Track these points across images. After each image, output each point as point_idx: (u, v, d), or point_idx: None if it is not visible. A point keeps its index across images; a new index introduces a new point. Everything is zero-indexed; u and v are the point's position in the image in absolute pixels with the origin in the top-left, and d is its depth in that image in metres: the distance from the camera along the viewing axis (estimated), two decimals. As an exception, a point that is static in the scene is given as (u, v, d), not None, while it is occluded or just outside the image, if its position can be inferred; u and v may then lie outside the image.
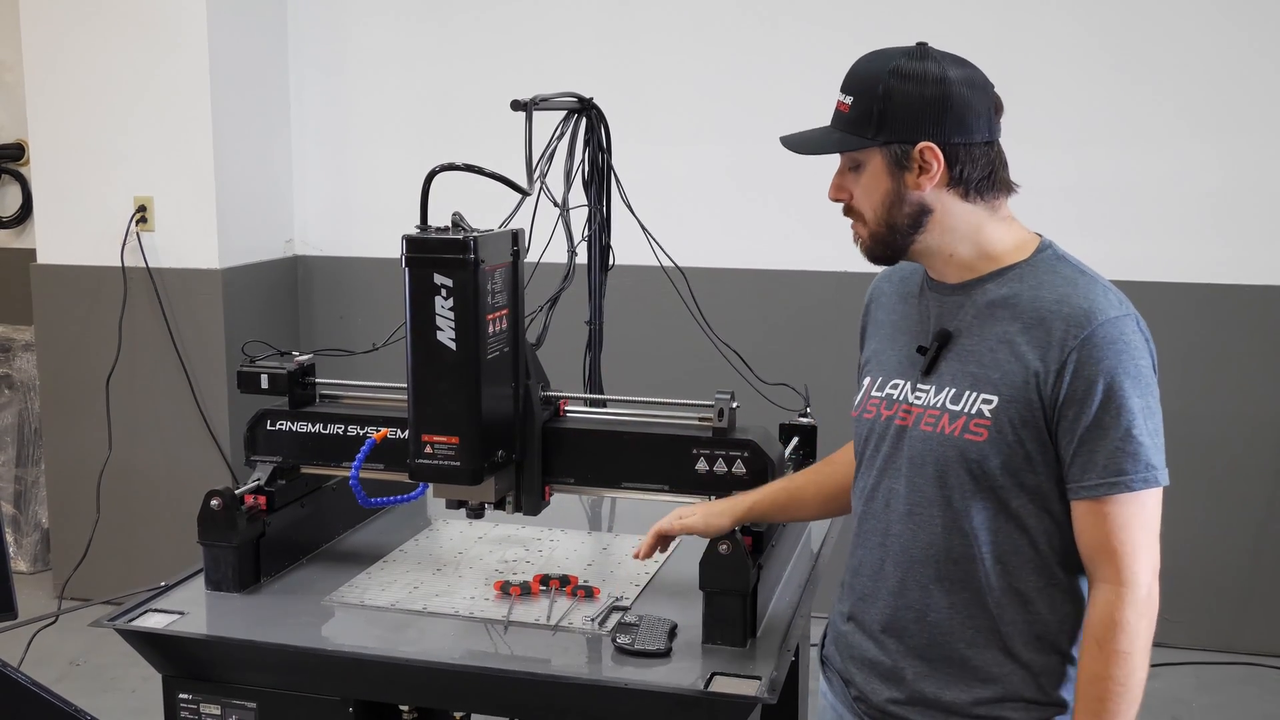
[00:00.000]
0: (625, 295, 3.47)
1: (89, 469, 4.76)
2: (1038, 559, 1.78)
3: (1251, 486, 4.40)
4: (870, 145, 1.77)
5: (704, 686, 1.99)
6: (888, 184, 1.78)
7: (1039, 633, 1.80)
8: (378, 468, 2.41)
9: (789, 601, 2.34)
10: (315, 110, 5.07)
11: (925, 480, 1.80)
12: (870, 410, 1.90)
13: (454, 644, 2.18)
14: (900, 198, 1.78)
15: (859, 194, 1.82)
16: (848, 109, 1.79)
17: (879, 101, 1.75)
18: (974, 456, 1.75)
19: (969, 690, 1.81)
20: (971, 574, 1.79)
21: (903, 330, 1.91)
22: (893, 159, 1.76)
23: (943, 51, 1.78)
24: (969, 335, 1.80)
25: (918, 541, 1.82)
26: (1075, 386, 1.70)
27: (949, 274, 1.84)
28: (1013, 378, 1.73)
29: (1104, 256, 1.83)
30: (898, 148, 1.76)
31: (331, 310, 5.16)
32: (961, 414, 1.76)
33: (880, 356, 1.93)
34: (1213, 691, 4.21)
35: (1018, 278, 1.79)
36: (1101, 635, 1.71)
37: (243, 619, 2.28)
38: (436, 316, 2.13)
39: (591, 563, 2.54)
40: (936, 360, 1.82)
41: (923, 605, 1.83)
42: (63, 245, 4.81)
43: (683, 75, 4.69)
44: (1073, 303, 1.73)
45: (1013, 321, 1.76)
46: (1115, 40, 4.33)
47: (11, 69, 5.29)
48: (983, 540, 1.77)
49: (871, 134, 1.76)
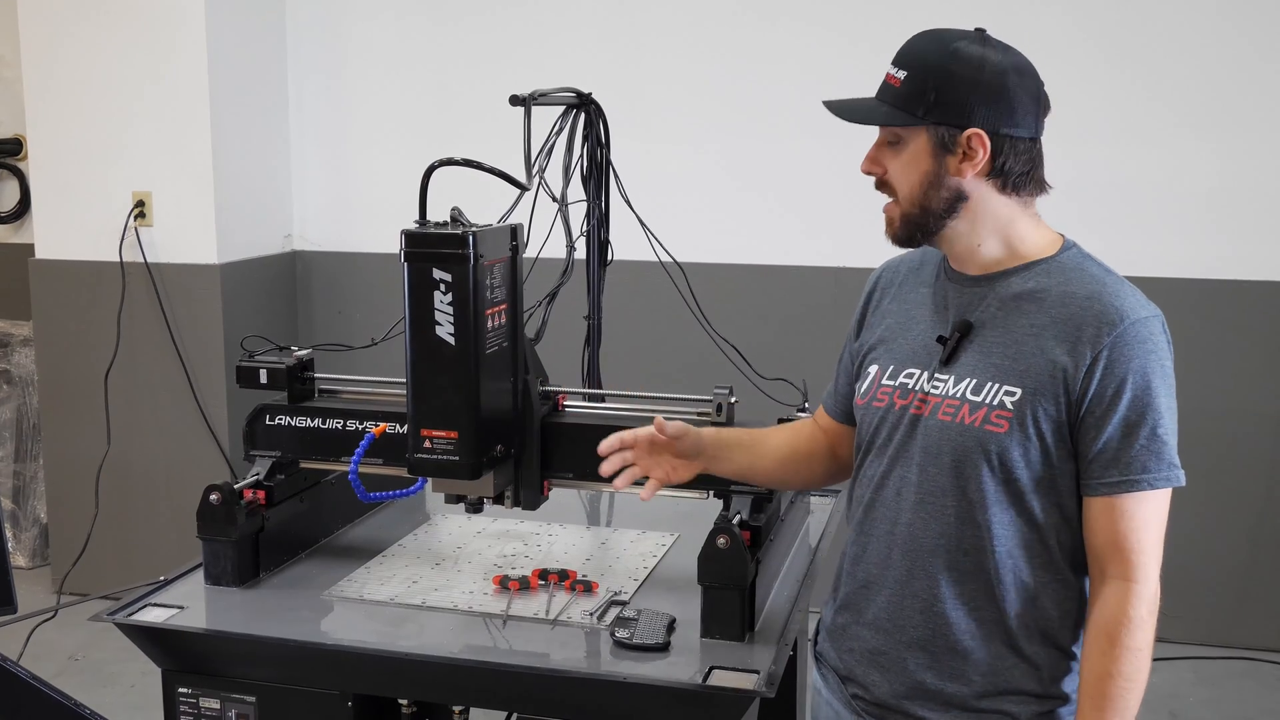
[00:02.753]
0: (624, 290, 3.48)
1: (88, 464, 4.76)
2: (1046, 554, 1.78)
3: (1249, 481, 4.41)
4: (919, 124, 1.75)
5: (702, 680, 1.99)
6: (929, 165, 1.76)
7: (1042, 628, 1.80)
8: (377, 462, 2.41)
9: (787, 595, 2.35)
10: (314, 105, 5.07)
11: (940, 470, 1.80)
12: (881, 399, 1.88)
13: (453, 638, 2.19)
14: (939, 181, 1.76)
15: (896, 170, 1.79)
16: (899, 83, 1.76)
17: (934, 81, 1.73)
18: (993, 448, 1.75)
19: (971, 683, 1.82)
20: (981, 566, 1.79)
21: (916, 319, 1.89)
22: (938, 141, 1.75)
23: (1001, 41, 1.77)
24: (992, 327, 1.79)
25: (929, 531, 1.81)
26: (1105, 384, 1.70)
27: (970, 265, 1.83)
28: (1039, 371, 1.73)
29: (1103, 252, 1.83)
30: (945, 130, 1.74)
31: (330, 305, 5.16)
32: (982, 405, 1.76)
33: (890, 345, 1.91)
34: (1211, 686, 4.22)
35: (1044, 273, 1.79)
36: (1113, 631, 1.71)
37: (242, 613, 2.29)
38: (435, 311, 2.13)
39: (590, 557, 2.54)
40: (956, 350, 1.81)
41: (929, 595, 1.82)
42: (61, 240, 4.81)
43: (682, 72, 4.69)
44: (1104, 301, 1.73)
45: (1040, 315, 1.75)
46: (1113, 38, 4.34)
47: (10, 64, 5.29)
48: (995, 532, 1.77)
49: (922, 112, 1.74)
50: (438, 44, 4.91)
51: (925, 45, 1.77)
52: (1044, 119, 1.79)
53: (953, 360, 1.81)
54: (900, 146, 1.78)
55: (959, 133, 1.73)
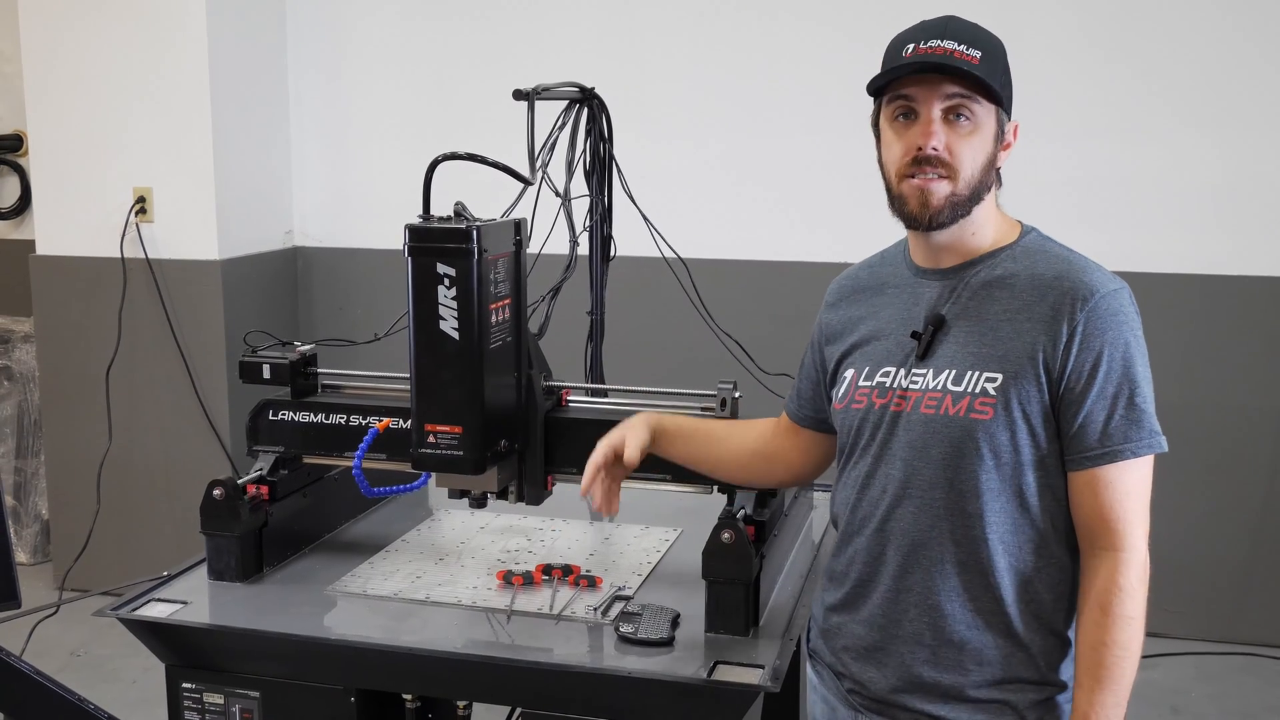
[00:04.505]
0: (627, 285, 3.47)
1: (89, 460, 4.76)
2: (1038, 537, 1.79)
3: (1251, 477, 4.41)
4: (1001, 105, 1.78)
5: (707, 675, 1.99)
6: (991, 148, 1.79)
7: (1037, 613, 1.81)
8: (380, 457, 2.41)
9: (791, 591, 2.35)
10: (315, 101, 5.07)
11: (927, 463, 1.81)
12: (860, 400, 1.89)
13: (456, 633, 2.18)
14: (992, 165, 1.80)
15: (964, 150, 1.76)
16: (977, 61, 1.72)
17: (1002, 65, 1.77)
18: (981, 435, 1.76)
19: (968, 673, 1.82)
20: (975, 555, 1.79)
21: (886, 321, 1.90)
22: (1000, 125, 1.79)
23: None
24: (966, 317, 1.81)
25: (919, 525, 1.82)
26: (1083, 358, 1.72)
27: (948, 257, 1.85)
28: (1017, 355, 1.75)
29: (1104, 248, 1.84)
30: (1005, 117, 1.79)
31: (330, 301, 5.16)
32: (965, 394, 1.77)
33: (864, 348, 1.92)
34: (1212, 682, 4.22)
35: (1010, 259, 1.82)
36: (1105, 601, 1.73)
37: (245, 608, 2.29)
38: (439, 306, 2.13)
39: (594, 552, 2.54)
40: (932, 344, 1.82)
41: (924, 589, 1.83)
42: (62, 236, 4.81)
43: (685, 67, 4.69)
44: (1072, 278, 1.76)
45: (1011, 300, 1.78)
46: (1114, 34, 4.33)
47: (10, 60, 5.29)
48: (988, 520, 1.78)
49: (999, 96, 1.76)
50: (438, 40, 4.91)
51: (975, 30, 1.78)
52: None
53: (929, 354, 1.83)
54: (970, 125, 1.76)
55: (1008, 121, 1.80)
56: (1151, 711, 3.98)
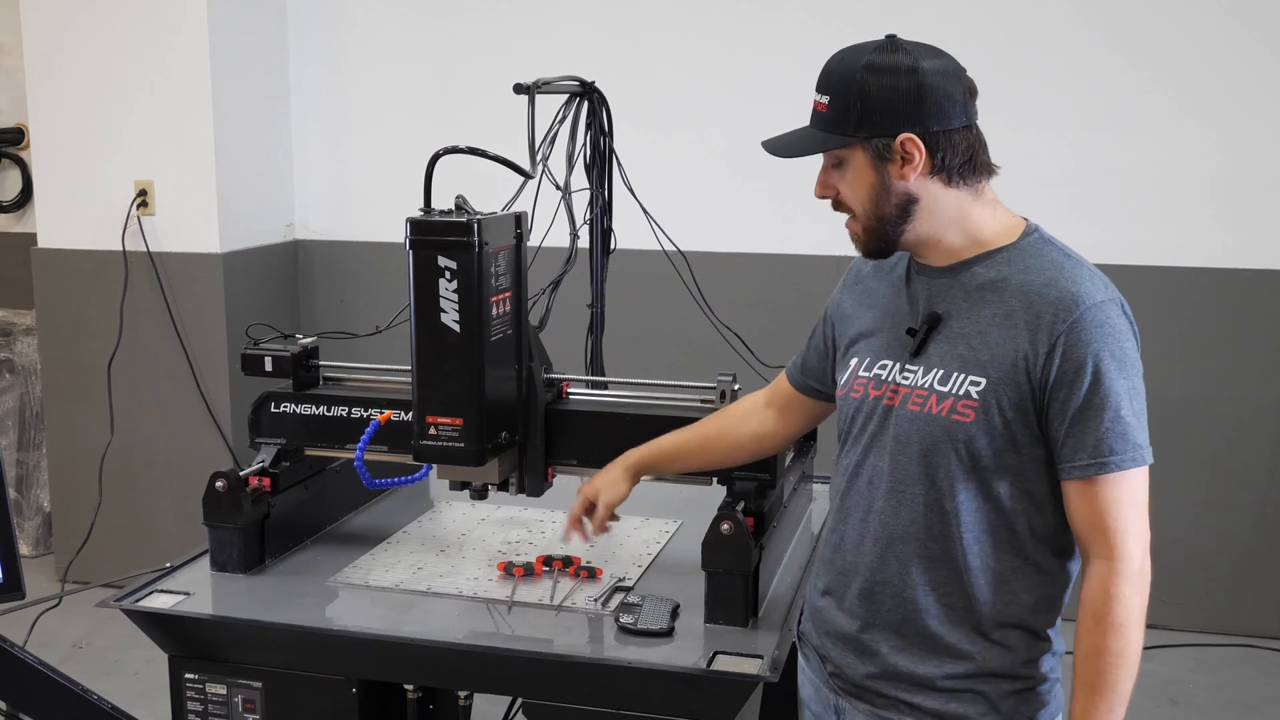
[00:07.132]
0: (627, 278, 3.48)
1: (91, 453, 4.77)
2: (1014, 540, 1.81)
3: (1249, 469, 4.42)
4: (852, 142, 1.79)
5: (706, 665, 2.01)
6: (872, 177, 1.80)
7: (1014, 613, 1.83)
8: (382, 449, 2.42)
9: (790, 582, 2.36)
10: (316, 94, 5.07)
11: (909, 459, 1.83)
12: (858, 390, 1.92)
13: (458, 624, 2.20)
14: (886, 189, 1.80)
15: (845, 190, 1.84)
16: (825, 108, 1.81)
17: (856, 98, 1.77)
18: (960, 437, 1.78)
19: (941, 665, 1.85)
20: (950, 552, 1.82)
21: (890, 313, 1.92)
22: (875, 153, 1.78)
23: (913, 42, 1.80)
24: (958, 318, 1.82)
25: (899, 519, 1.85)
26: (1065, 369, 1.73)
27: (937, 258, 1.86)
28: (1001, 360, 1.76)
29: (1101, 241, 1.85)
30: (879, 142, 1.77)
31: (331, 294, 5.16)
32: (949, 395, 1.79)
33: (870, 339, 1.95)
34: (1210, 673, 4.23)
35: (1005, 261, 1.82)
36: (1098, 609, 1.74)
37: (248, 599, 2.30)
38: (440, 299, 2.14)
39: (594, 544, 2.55)
40: (925, 342, 1.84)
41: (900, 581, 1.86)
42: (63, 229, 4.81)
43: (684, 60, 4.69)
44: (1060, 286, 1.76)
45: (1001, 305, 1.79)
46: (1112, 25, 4.33)
47: (11, 53, 5.29)
48: (963, 519, 1.80)
49: (851, 130, 1.78)
50: (439, 33, 4.91)
51: (840, 65, 1.81)
52: (973, 104, 1.82)
53: (922, 351, 1.84)
54: (844, 167, 1.83)
55: (891, 140, 1.77)
56: (1150, 702, 3.99)
